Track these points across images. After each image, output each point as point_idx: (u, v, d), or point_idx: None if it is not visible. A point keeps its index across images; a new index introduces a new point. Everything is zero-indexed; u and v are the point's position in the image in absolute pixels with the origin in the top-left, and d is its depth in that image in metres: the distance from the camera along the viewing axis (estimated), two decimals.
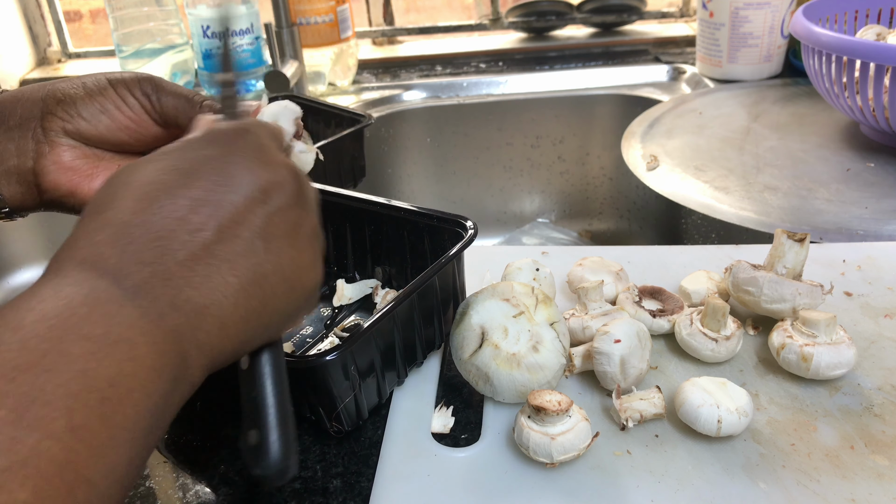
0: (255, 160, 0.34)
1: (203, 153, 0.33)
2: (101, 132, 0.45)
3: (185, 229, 0.30)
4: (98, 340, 0.26)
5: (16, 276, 1.03)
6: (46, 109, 0.45)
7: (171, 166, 0.32)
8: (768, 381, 0.52)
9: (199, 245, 0.30)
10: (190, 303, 0.30)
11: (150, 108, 0.46)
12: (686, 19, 1.36)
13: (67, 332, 0.26)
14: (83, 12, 1.52)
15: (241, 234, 0.32)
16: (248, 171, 0.33)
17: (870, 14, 0.95)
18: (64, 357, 0.25)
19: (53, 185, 0.45)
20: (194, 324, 0.30)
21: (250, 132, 0.36)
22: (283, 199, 0.34)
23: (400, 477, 0.46)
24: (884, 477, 0.44)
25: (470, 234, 0.53)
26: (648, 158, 0.90)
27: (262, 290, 0.32)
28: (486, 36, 1.38)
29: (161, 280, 0.29)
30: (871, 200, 0.76)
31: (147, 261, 0.29)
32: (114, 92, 0.45)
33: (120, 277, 0.29)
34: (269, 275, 0.33)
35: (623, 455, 0.46)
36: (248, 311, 0.32)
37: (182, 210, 0.31)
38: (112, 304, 0.28)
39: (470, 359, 0.50)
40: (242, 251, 0.32)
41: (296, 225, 0.35)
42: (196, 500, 0.46)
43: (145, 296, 0.29)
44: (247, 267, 0.32)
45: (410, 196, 1.22)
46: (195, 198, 0.31)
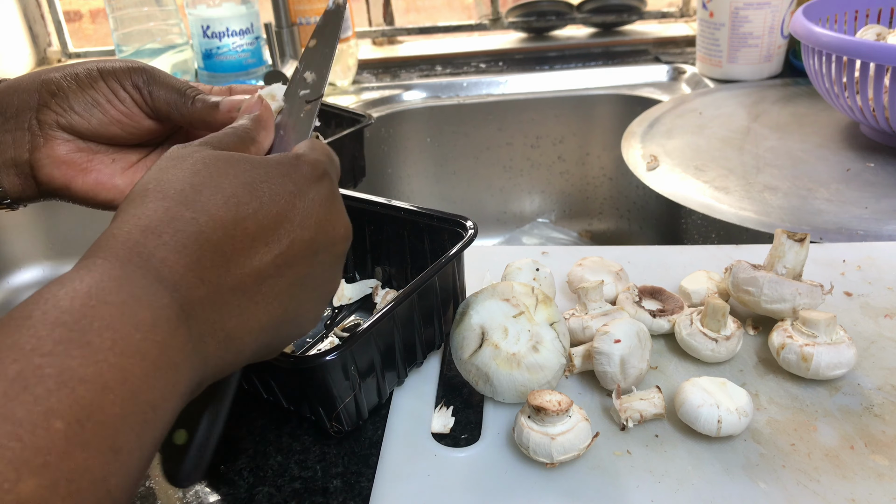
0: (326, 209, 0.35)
1: (283, 183, 0.33)
2: (94, 126, 0.45)
3: (247, 254, 0.31)
4: (153, 363, 0.26)
5: (16, 276, 1.03)
6: (42, 101, 0.44)
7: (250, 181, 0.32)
8: (768, 381, 0.52)
9: (252, 274, 0.31)
10: (225, 331, 0.30)
11: (142, 102, 0.45)
12: (686, 19, 1.36)
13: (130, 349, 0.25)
14: (83, 12, 1.52)
15: (287, 277, 0.33)
16: (317, 218, 0.34)
17: (870, 14, 0.95)
18: (123, 375, 0.25)
19: (48, 178, 0.45)
20: (220, 352, 0.30)
21: (329, 177, 0.36)
22: (331, 258, 0.35)
23: (400, 477, 0.46)
24: (884, 477, 0.44)
25: (470, 234, 0.53)
26: (648, 158, 0.90)
27: (279, 332, 0.34)
28: (486, 36, 1.38)
29: (212, 303, 0.30)
30: (871, 200, 0.76)
31: (207, 279, 0.29)
32: (105, 84, 0.45)
33: (181, 290, 0.29)
34: (289, 322, 0.34)
35: (623, 455, 0.46)
36: (261, 346, 0.33)
37: (250, 233, 0.31)
38: (171, 323, 0.27)
39: (470, 359, 0.50)
40: (281, 293, 0.33)
41: (327, 283, 0.36)
42: (196, 500, 0.46)
43: (195, 318, 0.29)
44: (278, 310, 0.33)
45: (410, 196, 1.22)
46: (265, 225, 0.32)
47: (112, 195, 0.47)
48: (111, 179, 0.47)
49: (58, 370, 0.24)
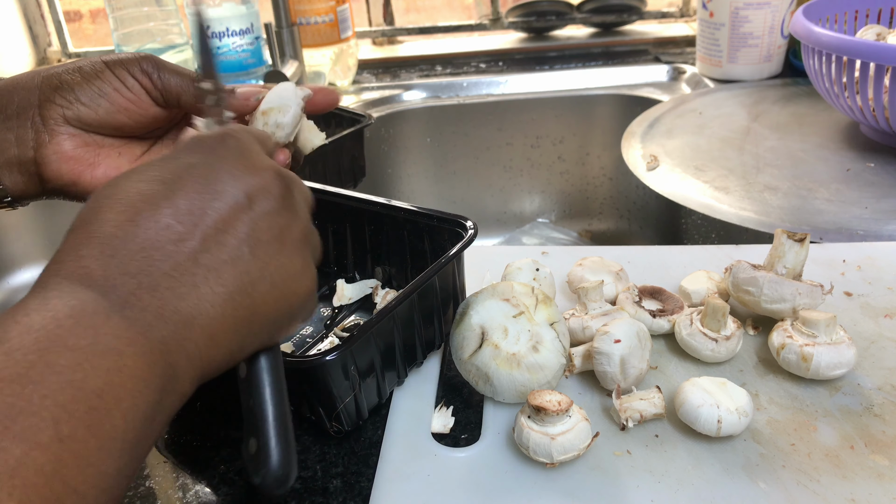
0: (238, 166, 0.34)
1: (185, 161, 0.33)
2: (101, 116, 0.45)
3: (169, 239, 0.30)
4: (85, 351, 0.26)
5: (16, 276, 1.03)
6: (44, 97, 0.44)
7: (153, 177, 0.32)
8: (768, 381, 0.52)
9: (183, 255, 0.30)
10: (177, 313, 0.29)
11: (151, 87, 0.45)
12: (686, 19, 1.36)
13: (53, 344, 0.26)
14: (83, 12, 1.52)
15: (227, 242, 0.32)
16: (231, 176, 0.33)
17: (870, 14, 0.95)
18: (50, 368, 0.25)
19: (56, 174, 0.45)
20: (182, 334, 0.29)
21: (233, 137, 0.35)
22: (269, 204, 0.34)
23: (400, 477, 0.46)
24: (884, 477, 0.44)
25: (470, 234, 0.53)
26: (648, 158, 0.90)
27: (251, 298, 0.32)
28: (486, 36, 1.38)
29: (147, 291, 0.29)
30: (871, 200, 0.76)
31: (132, 272, 0.29)
32: (111, 74, 0.44)
33: (106, 289, 0.28)
34: (256, 282, 0.32)
35: (623, 455, 0.46)
36: (237, 319, 0.32)
37: (165, 220, 0.30)
38: (98, 315, 0.27)
39: (470, 359, 0.50)
40: (228, 259, 0.31)
41: (283, 229, 0.34)
42: (196, 500, 0.46)
43: (132, 307, 0.28)
44: (233, 275, 0.31)
45: (410, 196, 1.22)
46: (178, 207, 0.31)
47: None
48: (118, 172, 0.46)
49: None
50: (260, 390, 0.34)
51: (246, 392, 0.34)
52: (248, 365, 0.34)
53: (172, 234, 0.30)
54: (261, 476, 0.31)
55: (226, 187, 0.32)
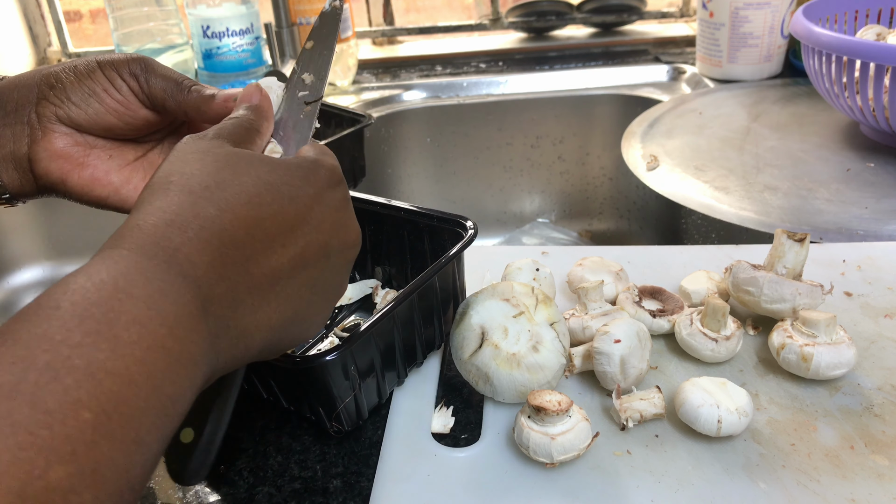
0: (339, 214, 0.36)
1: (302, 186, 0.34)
2: (91, 116, 0.45)
3: (265, 253, 0.32)
4: (175, 359, 0.27)
5: (16, 276, 1.03)
6: (41, 95, 0.44)
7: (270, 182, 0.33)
8: (768, 381, 0.52)
9: (268, 272, 0.32)
10: (238, 328, 0.31)
11: (139, 90, 0.45)
12: (686, 19, 1.36)
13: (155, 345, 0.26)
14: (83, 12, 1.52)
15: (298, 277, 0.33)
16: (331, 223, 0.35)
17: (870, 14, 0.95)
18: (148, 369, 0.25)
19: (45, 172, 0.45)
20: (231, 349, 0.31)
21: (344, 183, 0.37)
22: (341, 261, 0.36)
23: (400, 477, 0.46)
24: (884, 477, 0.44)
25: (470, 234, 0.53)
26: (648, 158, 0.90)
27: (287, 332, 0.34)
28: (486, 36, 1.38)
29: (230, 301, 0.30)
30: (871, 200, 0.76)
31: (227, 276, 0.30)
32: (102, 74, 0.45)
33: (202, 286, 0.29)
34: (297, 322, 0.34)
35: (623, 455, 0.46)
36: (268, 343, 0.33)
37: (269, 233, 0.32)
38: (192, 319, 0.28)
39: (470, 359, 0.50)
40: (292, 295, 0.33)
41: (337, 286, 0.37)
42: (196, 500, 0.46)
43: (213, 314, 0.29)
44: (289, 310, 0.33)
45: (410, 196, 1.22)
46: (284, 226, 0.32)
47: (107, 191, 0.47)
48: (107, 176, 0.47)
49: (86, 362, 0.24)
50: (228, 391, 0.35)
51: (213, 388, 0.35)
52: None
53: (271, 251, 0.32)
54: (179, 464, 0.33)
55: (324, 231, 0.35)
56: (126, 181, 0.47)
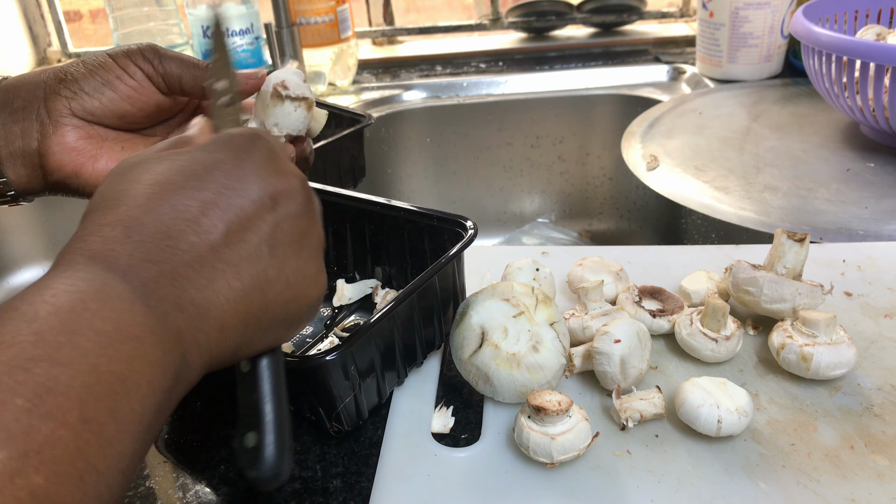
0: (266, 167, 0.34)
1: (214, 156, 0.34)
2: (105, 104, 0.45)
3: (194, 231, 0.31)
4: (109, 336, 0.27)
5: (16, 276, 1.03)
6: (49, 90, 0.45)
7: (182, 167, 0.33)
8: (768, 381, 0.52)
9: (206, 247, 0.31)
10: (193, 304, 0.30)
11: (153, 73, 0.46)
12: (686, 19, 1.36)
13: (81, 327, 0.26)
14: (83, 12, 1.52)
15: (248, 240, 0.32)
16: (259, 177, 0.34)
17: (870, 14, 0.95)
18: (77, 350, 0.26)
19: (58, 165, 0.46)
20: (196, 325, 0.30)
21: (262, 139, 0.36)
22: (292, 208, 0.35)
23: (400, 477, 0.46)
24: (884, 477, 0.44)
25: (470, 234, 0.53)
26: (648, 158, 0.90)
27: (265, 296, 0.33)
28: (486, 36, 1.38)
29: (168, 279, 0.30)
30: (871, 200, 0.76)
31: (156, 259, 0.30)
32: (114, 63, 0.45)
33: (129, 274, 0.29)
34: (272, 281, 0.33)
35: (623, 455, 0.46)
36: (249, 315, 0.32)
37: (192, 212, 0.31)
38: (123, 300, 0.28)
39: (470, 359, 0.50)
40: (248, 256, 0.32)
41: (302, 234, 0.35)
42: (196, 500, 0.46)
43: (152, 294, 0.29)
44: (250, 272, 0.32)
45: (410, 196, 1.22)
46: (205, 200, 0.32)
47: None
48: None
49: (9, 356, 0.25)
50: (262, 385, 0.34)
51: (247, 387, 0.34)
52: (252, 360, 0.35)
53: (198, 225, 0.31)
54: (256, 470, 0.32)
55: (253, 186, 0.33)
56: None
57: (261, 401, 0.34)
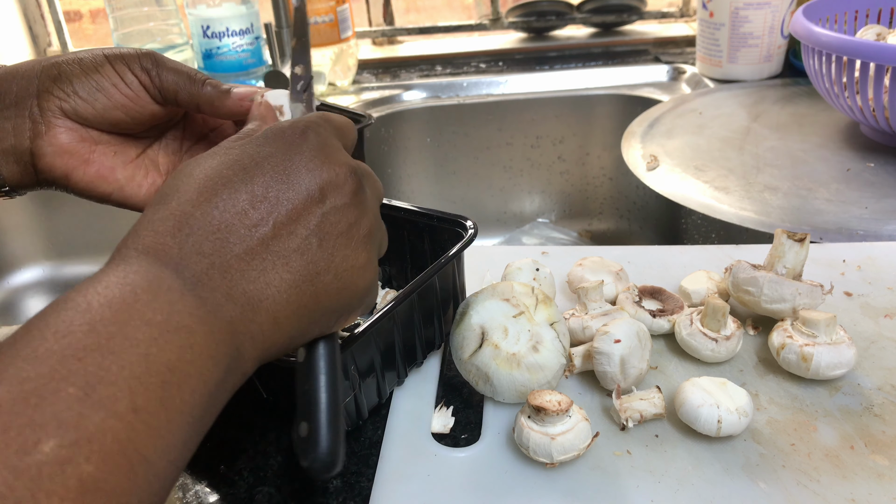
0: (314, 159, 0.35)
1: (264, 150, 0.34)
2: (98, 111, 0.45)
3: (244, 223, 0.32)
4: (160, 326, 0.27)
5: (16, 276, 1.03)
6: (43, 87, 0.44)
7: (232, 161, 0.34)
8: (768, 381, 0.52)
9: (256, 240, 0.32)
10: (245, 295, 0.31)
11: (149, 84, 0.46)
12: (686, 19, 1.36)
13: (132, 317, 0.27)
14: (83, 12, 1.52)
15: (297, 232, 0.33)
16: (307, 170, 0.34)
17: (870, 14, 0.95)
18: (128, 341, 0.26)
19: (48, 167, 0.45)
20: (248, 316, 0.31)
21: (314, 131, 0.36)
22: (340, 199, 0.35)
23: (400, 477, 0.46)
24: (884, 477, 0.44)
25: (470, 234, 0.53)
26: (648, 158, 0.90)
27: (315, 286, 0.34)
28: (486, 36, 1.38)
29: (219, 272, 0.30)
30: (871, 200, 0.76)
31: (206, 252, 0.31)
32: (111, 68, 0.45)
33: (181, 267, 0.30)
34: (321, 273, 0.34)
35: (623, 455, 0.46)
36: (300, 306, 0.33)
37: (241, 204, 0.32)
38: (173, 292, 0.29)
39: (470, 359, 0.50)
40: (297, 248, 0.33)
41: (351, 225, 0.35)
42: (196, 500, 0.46)
43: (204, 286, 0.30)
44: (300, 264, 0.33)
45: (410, 196, 1.22)
46: (254, 193, 0.33)
47: (112, 188, 0.47)
48: (112, 173, 0.47)
49: (62, 345, 0.25)
50: (316, 376, 0.35)
51: (302, 376, 0.35)
52: (307, 350, 0.36)
53: (247, 218, 0.32)
54: (309, 460, 0.32)
55: (301, 179, 0.34)
56: (130, 178, 0.47)
57: (314, 390, 0.34)
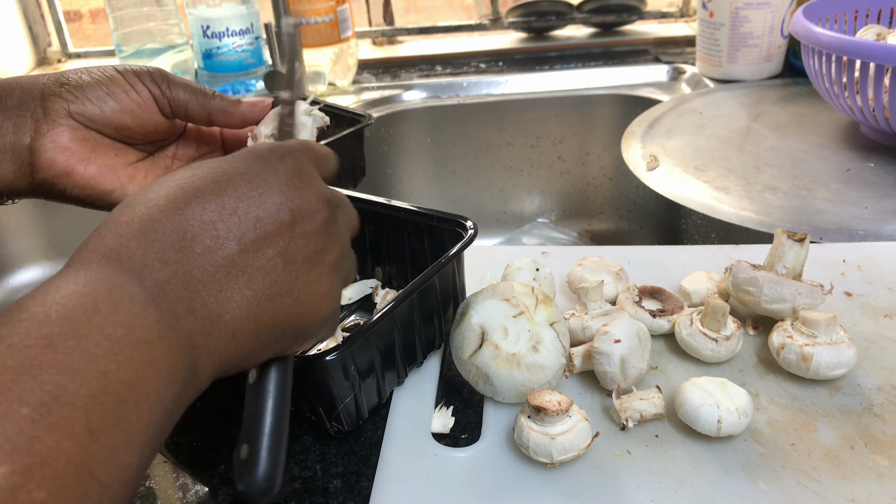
0: (289, 182, 0.35)
1: (240, 166, 0.34)
2: (106, 114, 0.46)
3: (211, 235, 0.31)
4: (119, 342, 0.26)
5: (16, 276, 1.03)
6: (48, 91, 0.45)
7: (205, 174, 0.33)
8: (768, 381, 0.52)
9: (222, 253, 0.31)
10: (206, 308, 0.30)
11: (159, 95, 0.47)
12: (686, 19, 1.36)
13: (91, 331, 0.26)
14: (83, 12, 1.52)
15: (264, 250, 0.33)
16: (280, 192, 0.34)
17: (870, 14, 0.95)
18: (87, 357, 0.25)
19: (49, 163, 0.45)
20: (207, 330, 0.30)
21: (292, 156, 0.36)
22: (310, 226, 0.35)
23: (400, 477, 0.46)
24: (884, 477, 0.44)
25: (470, 234, 0.53)
26: (648, 158, 0.90)
27: (275, 307, 0.33)
28: (486, 36, 1.38)
29: (181, 282, 0.30)
30: (871, 200, 0.76)
31: (170, 260, 0.30)
32: (122, 78, 0.46)
33: (143, 275, 0.29)
34: (283, 294, 0.33)
35: (623, 455, 0.46)
36: (259, 324, 0.33)
37: (210, 216, 0.32)
38: (135, 304, 0.28)
39: (470, 359, 0.50)
40: (262, 267, 0.32)
41: (318, 252, 0.35)
42: (196, 500, 0.46)
43: (165, 296, 0.29)
44: (264, 283, 0.32)
45: (410, 196, 1.22)
46: (225, 207, 0.32)
47: (112, 186, 0.47)
48: (113, 172, 0.47)
49: (18, 360, 0.24)
50: (263, 399, 0.34)
51: (250, 398, 0.34)
52: (259, 372, 0.35)
53: (215, 230, 0.31)
54: (245, 483, 0.32)
55: (273, 199, 0.34)
56: (130, 178, 0.48)
57: (259, 414, 0.34)
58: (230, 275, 0.31)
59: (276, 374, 0.35)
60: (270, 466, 0.32)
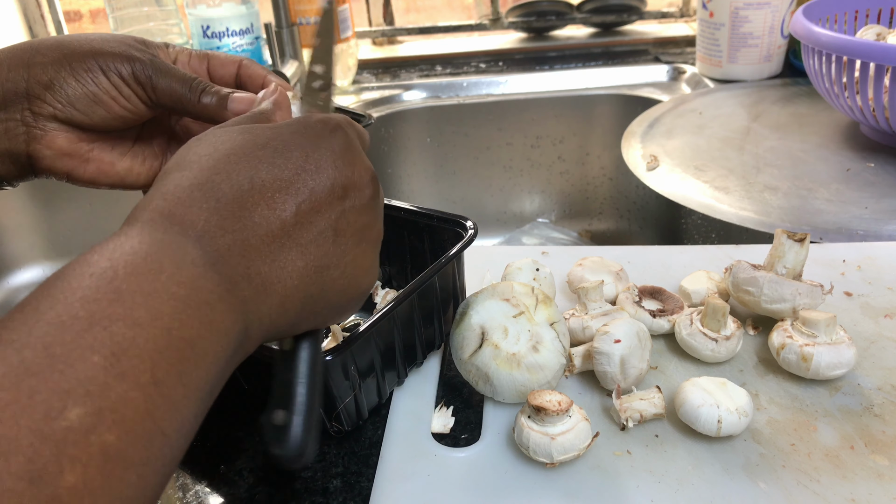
0: (342, 157, 0.36)
1: (295, 138, 0.35)
2: (95, 122, 0.45)
3: (268, 205, 0.32)
4: (183, 301, 0.28)
5: (16, 276, 1.03)
6: (33, 93, 0.44)
7: (264, 143, 0.34)
8: (768, 381, 0.52)
9: (277, 223, 0.32)
10: (260, 276, 0.31)
11: (146, 98, 0.46)
12: (686, 19, 1.36)
13: (157, 290, 0.27)
14: (83, 12, 1.52)
15: (317, 222, 0.34)
16: (334, 166, 0.35)
17: (870, 14, 0.95)
18: (153, 313, 0.26)
19: (48, 168, 0.46)
20: (260, 297, 0.31)
21: (342, 129, 0.37)
22: (360, 201, 0.36)
23: (400, 477, 0.46)
24: (884, 477, 0.44)
25: (470, 234, 0.53)
26: (648, 158, 0.90)
27: (323, 279, 0.34)
28: (486, 36, 1.38)
29: (239, 249, 0.31)
30: (871, 200, 0.76)
31: (230, 228, 0.31)
32: (105, 79, 0.44)
33: (204, 240, 0.30)
34: (331, 266, 0.35)
35: (623, 455, 0.46)
36: (307, 295, 0.34)
37: (268, 186, 0.33)
38: (196, 266, 0.29)
39: (470, 359, 0.50)
40: (314, 238, 0.34)
41: (364, 227, 0.36)
42: (196, 500, 0.46)
43: (225, 263, 0.30)
44: (314, 254, 0.34)
45: (410, 196, 1.22)
46: (282, 178, 0.33)
47: (113, 181, 0.48)
48: (112, 167, 0.48)
49: (89, 312, 0.25)
50: (299, 365, 0.35)
51: (285, 365, 0.35)
52: (295, 340, 0.36)
53: (272, 200, 0.32)
54: (281, 448, 0.32)
55: (328, 173, 0.35)
56: (129, 169, 0.48)
57: (295, 381, 0.34)
58: (284, 245, 0.32)
59: (310, 341, 0.36)
60: (305, 431, 0.33)
